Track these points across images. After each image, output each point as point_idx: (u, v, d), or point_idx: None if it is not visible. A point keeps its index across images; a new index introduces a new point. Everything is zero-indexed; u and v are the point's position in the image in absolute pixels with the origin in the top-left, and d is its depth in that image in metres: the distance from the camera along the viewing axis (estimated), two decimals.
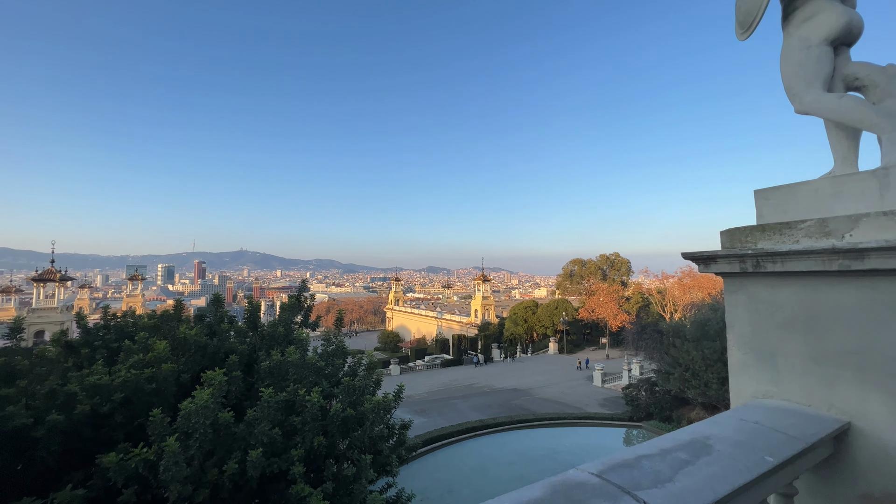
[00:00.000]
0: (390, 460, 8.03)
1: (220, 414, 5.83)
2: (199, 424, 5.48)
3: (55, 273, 45.33)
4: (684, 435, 1.76)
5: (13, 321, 7.66)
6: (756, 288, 2.36)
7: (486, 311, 67.44)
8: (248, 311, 9.86)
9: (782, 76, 2.41)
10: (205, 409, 5.48)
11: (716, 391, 21.28)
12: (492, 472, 19.20)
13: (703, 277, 56.02)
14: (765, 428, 1.79)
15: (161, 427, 5.50)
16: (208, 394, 5.58)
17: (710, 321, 23.61)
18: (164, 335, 8.53)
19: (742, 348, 2.48)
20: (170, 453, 4.99)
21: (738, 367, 2.51)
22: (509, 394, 32.87)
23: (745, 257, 2.29)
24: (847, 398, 2.03)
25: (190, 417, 5.48)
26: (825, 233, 2.11)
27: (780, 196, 2.45)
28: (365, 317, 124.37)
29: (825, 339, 2.11)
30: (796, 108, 2.38)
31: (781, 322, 2.27)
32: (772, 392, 2.29)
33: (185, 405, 5.49)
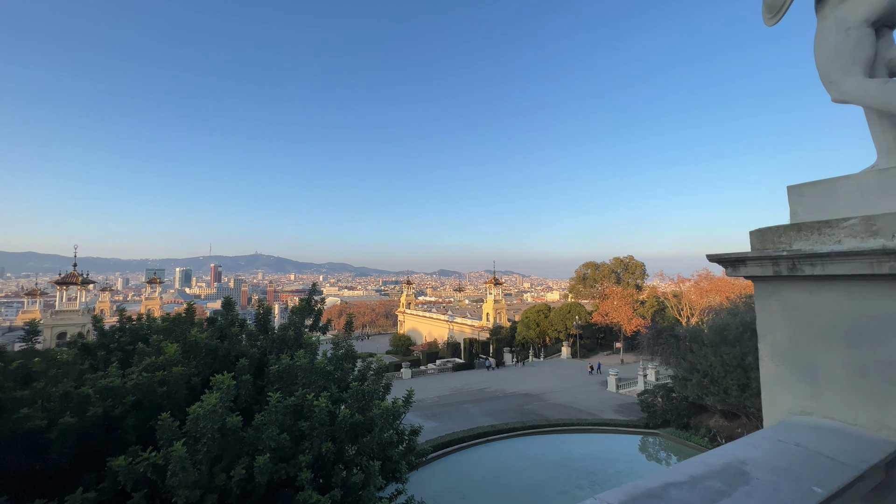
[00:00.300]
0: (400, 466, 7.90)
1: (228, 418, 5.79)
2: (207, 429, 5.44)
3: (77, 276, 46.61)
4: (716, 459, 1.54)
5: (29, 324, 7.78)
6: (792, 293, 2.13)
7: (498, 315, 66.96)
8: (259, 315, 9.87)
9: (817, 63, 2.20)
10: (212, 413, 5.44)
11: (736, 398, 20.61)
12: (504, 478, 18.88)
13: (721, 281, 54.61)
14: (808, 451, 1.56)
15: (170, 431, 5.48)
16: (216, 398, 5.55)
17: (729, 326, 22.92)
18: (175, 338, 8.58)
19: (776, 359, 2.24)
20: (177, 458, 4.95)
21: (771, 380, 2.27)
22: (521, 399, 32.44)
23: (779, 259, 2.07)
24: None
25: (198, 422, 5.44)
26: (872, 232, 1.88)
27: (817, 192, 2.21)
28: (377, 320, 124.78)
29: (874, 351, 1.88)
30: (834, 96, 2.16)
31: (822, 331, 2.03)
32: (811, 408, 2.05)
33: (194, 409, 5.46)
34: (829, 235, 2.01)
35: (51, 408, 7.05)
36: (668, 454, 22.80)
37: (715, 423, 23.63)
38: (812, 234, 2.08)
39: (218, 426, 5.60)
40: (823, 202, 2.17)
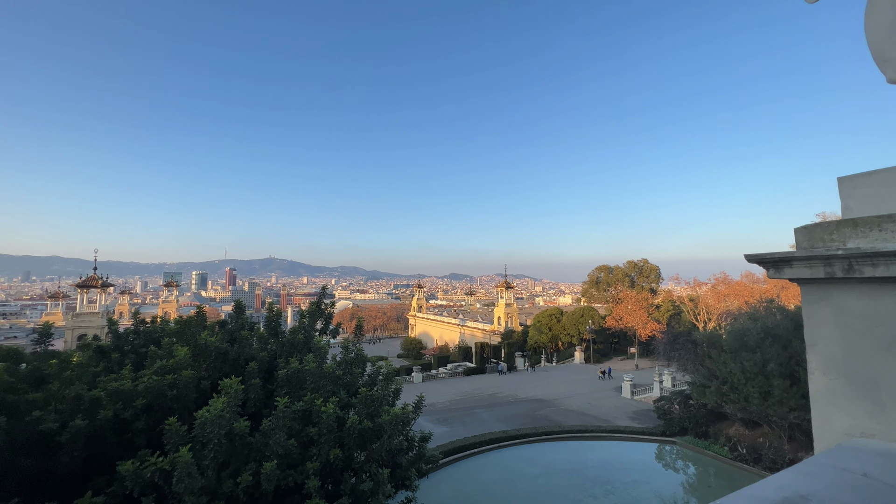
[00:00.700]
0: (409, 474, 7.74)
1: (235, 424, 5.71)
2: (214, 434, 5.36)
3: (97, 280, 47.75)
4: (772, 492, 1.29)
5: (42, 327, 7.86)
6: (847, 298, 1.87)
7: (510, 319, 66.38)
8: (269, 318, 9.84)
9: (869, 40, 1.95)
10: (219, 418, 5.36)
11: (757, 406, 19.89)
12: (517, 486, 18.52)
13: (739, 285, 53.16)
14: (880, 485, 1.29)
15: (177, 436, 5.42)
16: (222, 403, 5.47)
17: (749, 331, 22.19)
18: (186, 341, 8.58)
19: (829, 372, 1.96)
20: (182, 464, 4.87)
21: (823, 396, 1.98)
22: (534, 404, 31.96)
23: (832, 259, 1.81)
24: None
25: (205, 427, 5.37)
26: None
27: (874, 183, 1.94)
28: (388, 323, 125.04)
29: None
30: (889, 76, 1.91)
31: (886, 341, 1.76)
32: (873, 430, 1.76)
33: (200, 414, 5.39)
34: (892, 232, 1.74)
35: (63, 410, 7.08)
36: (686, 463, 22.12)
37: (735, 431, 22.86)
38: (871, 230, 1.82)
39: (225, 431, 5.52)
40: (883, 194, 1.90)
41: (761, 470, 19.59)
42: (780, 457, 19.38)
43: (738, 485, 19.29)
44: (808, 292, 1.97)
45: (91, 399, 6.89)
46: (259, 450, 5.92)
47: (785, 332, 20.73)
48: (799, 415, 18.63)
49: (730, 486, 19.20)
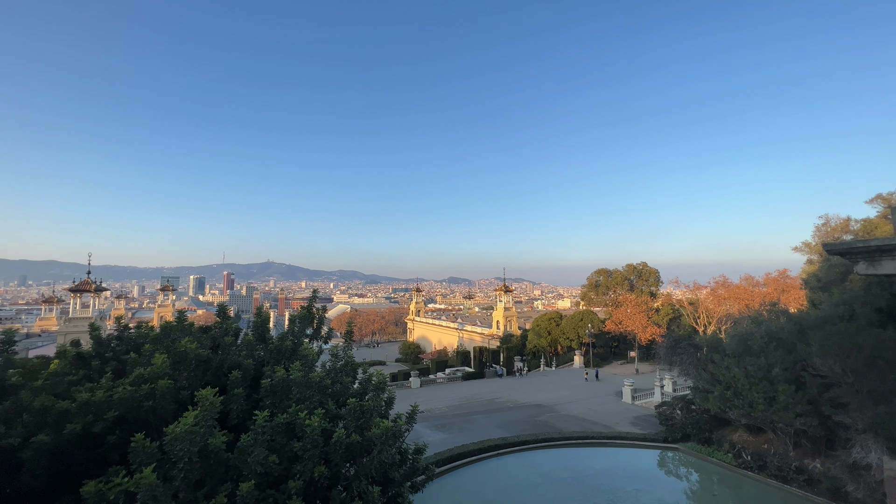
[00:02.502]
0: (402, 490, 7.25)
1: (210, 439, 5.24)
2: (185, 451, 4.89)
3: (90, 284, 47.14)
4: None
5: (4, 334, 7.36)
6: None
7: (509, 323, 65.88)
8: (256, 323, 9.37)
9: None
10: (191, 433, 4.89)
11: (762, 412, 19.42)
12: (517, 495, 17.99)
13: (739, 288, 52.85)
14: None
15: (144, 453, 4.94)
16: (194, 416, 5.00)
17: (752, 335, 21.78)
18: (166, 348, 8.11)
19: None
20: (146, 486, 4.39)
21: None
22: (533, 409, 31.44)
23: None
24: None
25: (175, 443, 4.90)
26: None
27: None
28: (386, 327, 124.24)
29: None
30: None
31: None
32: None
33: (170, 429, 4.92)
34: None
35: (29, 423, 6.59)
36: (689, 470, 21.61)
37: (739, 437, 22.37)
38: None
39: (198, 448, 5.05)
40: None
41: (766, 477, 19.10)
42: (785, 464, 18.90)
43: (742, 493, 18.79)
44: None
45: (59, 412, 6.40)
46: (237, 468, 5.43)
47: (789, 336, 20.32)
48: (805, 421, 18.16)
49: (734, 494, 18.70)
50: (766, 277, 53.23)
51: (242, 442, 5.44)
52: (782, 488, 18.33)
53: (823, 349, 17.06)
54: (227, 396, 6.81)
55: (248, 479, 5.21)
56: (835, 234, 31.20)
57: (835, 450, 18.16)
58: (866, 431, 15.90)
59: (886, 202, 27.57)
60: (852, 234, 29.89)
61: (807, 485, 18.05)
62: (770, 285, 51.68)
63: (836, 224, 31.84)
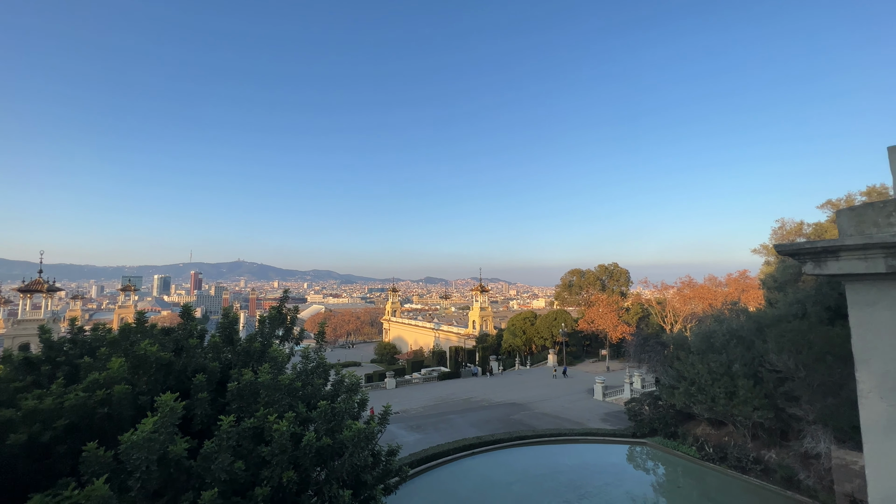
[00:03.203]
0: (375, 493, 7.15)
1: (170, 446, 4.99)
2: (142, 460, 4.64)
3: (42, 284, 44.23)
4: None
5: None
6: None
7: (485, 323, 66.39)
8: (223, 324, 9.02)
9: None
10: (149, 441, 4.64)
11: (723, 406, 20.38)
12: (491, 494, 18.13)
13: (703, 288, 55.18)
14: None
15: (96, 463, 4.65)
16: (153, 423, 4.75)
17: (715, 333, 22.80)
18: (124, 351, 7.69)
19: (888, 396, 1.50)
20: (97, 497, 4.13)
21: (881, 427, 1.51)
22: (508, 408, 31.79)
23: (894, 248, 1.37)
24: None
25: (131, 451, 4.64)
26: None
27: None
28: (362, 328, 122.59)
29: None
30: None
31: None
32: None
33: (126, 437, 4.66)
34: None
35: None
36: (656, 464, 22.41)
37: (702, 431, 23.38)
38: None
39: (157, 456, 4.80)
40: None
41: (727, 468, 20.05)
42: (744, 455, 19.90)
43: (705, 484, 19.64)
44: (858, 292, 1.53)
45: (1, 421, 5.95)
46: (200, 476, 5.20)
47: (748, 333, 21.40)
48: (762, 414, 19.18)
49: (697, 485, 19.53)
50: (728, 278, 55.82)
51: (206, 448, 5.22)
52: (741, 478, 19.30)
53: (778, 346, 18.08)
54: (190, 401, 6.53)
55: (212, 486, 5.00)
56: (790, 237, 33.10)
57: (789, 440, 19.27)
58: (816, 422, 16.95)
59: (835, 207, 29.51)
60: (805, 236, 31.80)
61: (763, 474, 19.07)
62: (731, 285, 54.21)
63: (790, 227, 33.78)
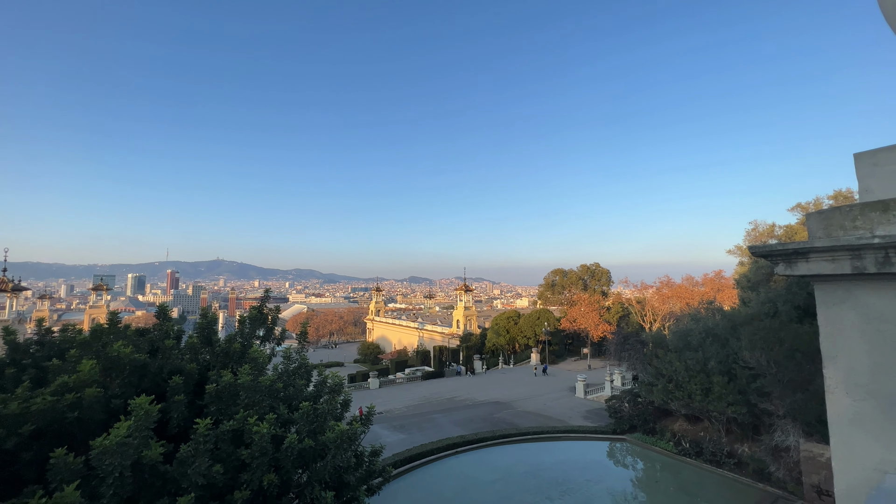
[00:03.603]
0: (358, 494, 7.08)
1: (145, 451, 4.83)
2: (115, 466, 4.46)
3: (7, 282, 42.18)
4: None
5: None
6: (878, 298, 1.45)
7: (469, 322, 66.66)
8: (201, 325, 8.77)
9: (882, 1, 1.70)
10: (122, 446, 4.47)
11: (699, 402, 20.99)
12: (474, 492, 18.20)
13: (681, 288, 56.72)
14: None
15: (65, 470, 4.45)
16: (127, 427, 4.58)
17: (692, 332, 23.47)
18: (95, 353, 7.40)
19: (853, 392, 1.54)
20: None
21: (846, 421, 1.56)
22: (491, 407, 31.99)
23: (863, 250, 1.40)
24: None
25: (104, 457, 4.46)
26: None
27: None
28: (345, 328, 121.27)
29: None
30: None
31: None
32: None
33: (98, 442, 4.48)
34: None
35: None
36: (636, 459, 22.91)
37: (679, 427, 24.04)
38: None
39: (131, 461, 4.63)
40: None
41: (702, 463, 20.67)
42: (718, 449, 20.55)
43: (681, 478, 20.20)
44: (826, 292, 1.61)
45: None
46: (176, 481, 5.05)
47: (723, 331, 22.10)
48: (736, 409, 19.83)
49: (674, 479, 20.05)
50: (704, 278, 57.51)
51: (182, 452, 5.06)
52: (716, 472, 19.92)
53: (751, 343, 18.73)
54: (166, 404, 6.33)
55: (189, 491, 4.86)
56: (762, 239, 34.34)
57: (760, 435, 19.98)
58: (786, 417, 17.63)
59: (804, 210, 30.79)
60: (777, 238, 33.05)
61: (736, 467, 19.74)
62: (707, 285, 55.87)
63: (763, 229, 35.05)
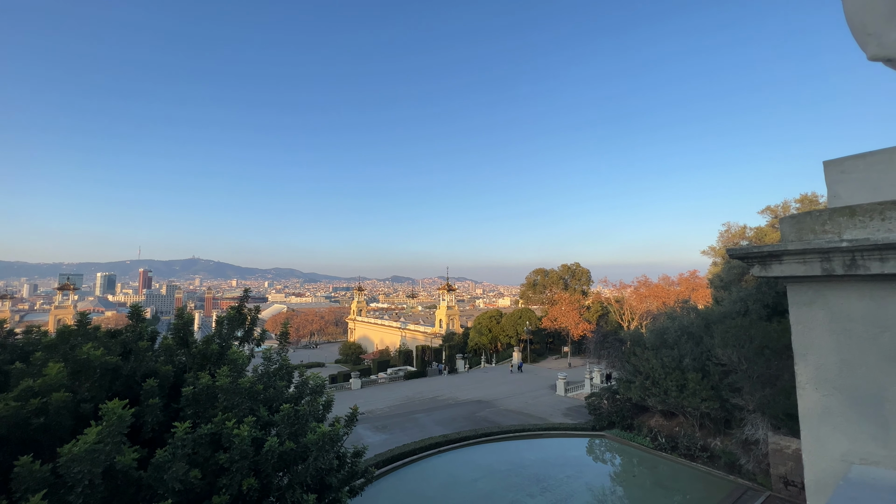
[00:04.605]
0: (340, 496, 7.01)
1: (118, 457, 4.65)
2: (85, 473, 4.28)
3: None
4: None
5: None
6: (846, 299, 1.60)
7: (451, 321, 66.81)
8: (177, 326, 8.50)
9: (847, 13, 1.79)
10: (92, 453, 4.29)
11: (675, 398, 21.64)
12: (456, 491, 18.27)
13: (658, 287, 58.36)
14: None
15: (31, 479, 4.25)
16: (97, 433, 4.40)
17: (668, 330, 24.16)
18: (63, 356, 7.09)
19: (822, 387, 1.67)
20: None
21: (815, 415, 1.69)
22: (474, 406, 32.15)
23: (832, 253, 1.53)
24: None
25: (72, 465, 4.27)
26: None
27: (869, 166, 1.68)
28: (326, 328, 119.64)
29: None
30: (872, 52, 1.73)
31: (893, 350, 1.49)
32: (876, 455, 1.51)
33: (66, 449, 4.28)
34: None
35: None
36: (614, 455, 23.45)
37: (656, 422, 24.72)
38: (872, 219, 1.53)
39: (102, 468, 4.45)
40: (877, 179, 1.66)
41: (677, 457, 21.34)
42: (692, 444, 21.25)
43: (657, 472, 20.79)
44: (797, 293, 1.70)
45: None
46: (151, 487, 4.88)
47: (698, 329, 22.85)
48: (709, 405, 20.54)
49: (651, 474, 20.63)
50: (680, 277, 59.31)
51: (158, 457, 4.90)
52: (690, 465, 20.59)
53: (723, 341, 19.44)
54: (140, 408, 6.11)
55: (165, 498, 4.71)
56: (734, 240, 35.64)
57: (732, 429, 20.76)
58: (756, 411, 18.38)
59: (774, 213, 32.12)
60: (748, 240, 34.35)
61: (709, 461, 20.46)
62: (683, 284, 57.63)
63: (735, 231, 36.38)
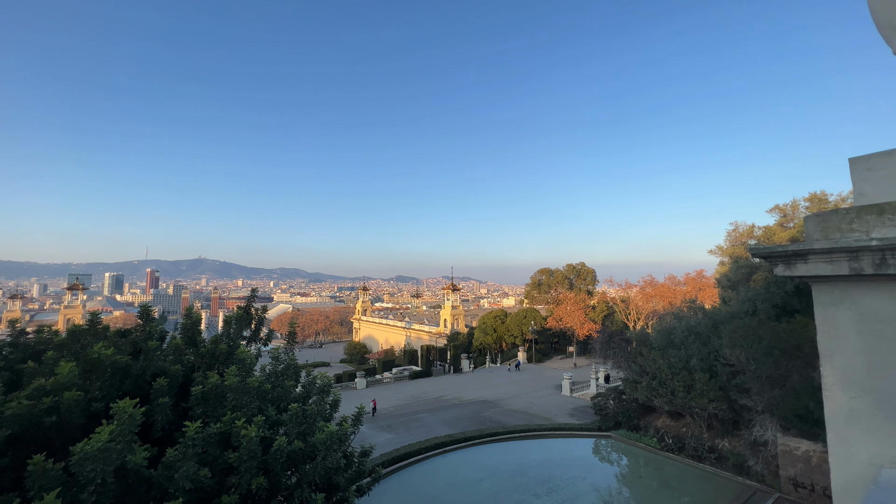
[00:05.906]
0: (347, 495, 7.03)
1: (129, 456, 4.69)
2: (97, 472, 4.32)
3: None
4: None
5: None
6: (874, 299, 1.49)
7: (456, 321, 66.80)
8: (186, 325, 8.56)
9: (872, 7, 1.74)
10: (105, 451, 4.33)
11: (682, 399, 21.48)
12: (462, 491, 18.25)
13: (664, 287, 57.95)
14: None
15: (44, 477, 4.29)
16: (109, 432, 4.44)
17: (675, 330, 23.97)
18: (74, 355, 7.16)
19: (850, 389, 1.58)
20: None
21: (842, 417, 1.60)
22: (479, 406, 32.12)
23: (861, 252, 1.43)
24: None
25: (85, 463, 4.31)
26: None
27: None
28: (331, 327, 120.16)
29: None
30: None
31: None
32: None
33: (79, 448, 4.33)
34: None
35: None
36: (620, 455, 23.31)
37: (662, 423, 24.55)
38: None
39: (114, 467, 4.49)
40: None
41: (684, 458, 21.17)
42: (700, 445, 21.07)
43: (664, 473, 20.65)
44: (823, 293, 1.66)
45: None
46: (161, 485, 4.92)
47: (705, 329, 22.65)
48: (717, 405, 20.36)
49: (658, 474, 20.48)
50: (686, 277, 58.84)
51: (169, 456, 4.93)
52: (697, 466, 20.42)
53: (731, 341, 19.26)
54: (150, 407, 6.16)
55: (175, 496, 4.74)
56: (742, 239, 35.31)
57: (740, 430, 20.56)
58: (764, 412, 18.18)
59: (782, 212, 31.81)
60: (756, 239, 34.01)
61: (717, 462, 20.28)
62: (689, 284, 57.17)
63: (743, 230, 36.03)
